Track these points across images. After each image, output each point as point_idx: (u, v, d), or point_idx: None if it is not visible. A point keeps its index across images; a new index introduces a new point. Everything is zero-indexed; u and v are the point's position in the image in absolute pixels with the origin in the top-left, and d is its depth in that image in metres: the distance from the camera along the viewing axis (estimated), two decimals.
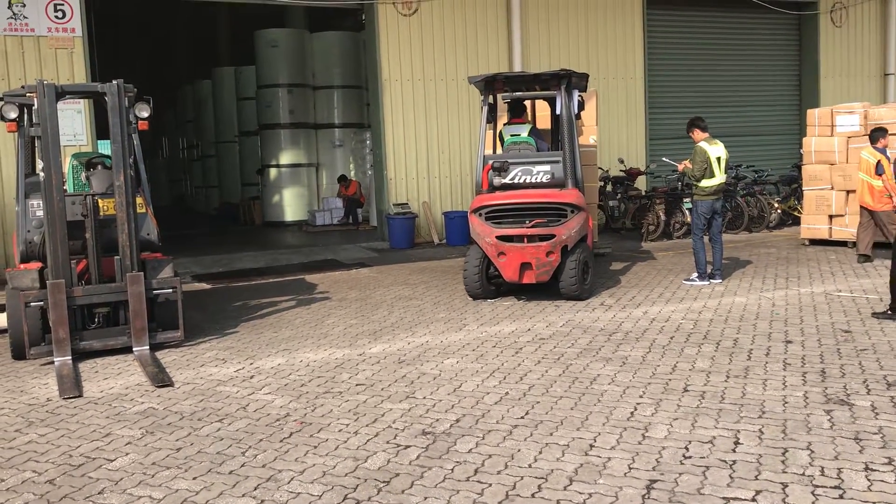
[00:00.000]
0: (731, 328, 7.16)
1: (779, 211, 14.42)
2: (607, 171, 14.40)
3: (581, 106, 9.96)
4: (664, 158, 12.86)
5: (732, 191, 13.70)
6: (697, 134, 9.40)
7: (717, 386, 5.51)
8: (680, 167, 9.81)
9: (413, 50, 14.10)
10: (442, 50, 14.27)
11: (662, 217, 13.33)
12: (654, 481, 4.01)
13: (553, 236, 8.33)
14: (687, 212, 13.38)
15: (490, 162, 9.03)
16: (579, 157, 9.14)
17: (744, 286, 9.14)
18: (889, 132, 10.47)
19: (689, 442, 4.50)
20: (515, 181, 8.97)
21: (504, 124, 9.66)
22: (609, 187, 14.26)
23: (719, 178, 9.30)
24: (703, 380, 5.66)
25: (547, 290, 8.85)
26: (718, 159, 9.28)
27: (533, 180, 8.94)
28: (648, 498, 3.83)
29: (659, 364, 6.09)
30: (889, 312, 7.31)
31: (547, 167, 8.93)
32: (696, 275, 9.46)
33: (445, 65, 14.17)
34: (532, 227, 8.43)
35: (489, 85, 9.39)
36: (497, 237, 8.46)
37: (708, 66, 17.25)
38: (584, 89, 10.09)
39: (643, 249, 12.55)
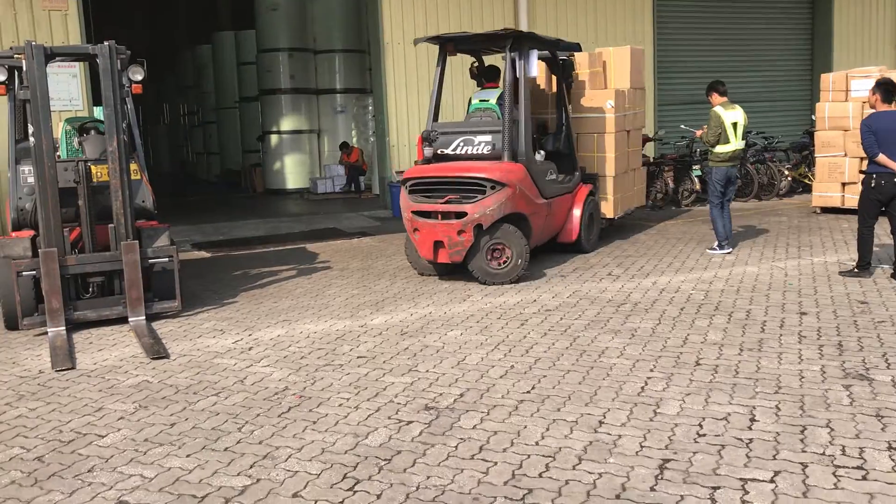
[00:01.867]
0: (744, 299, 6.96)
1: (789, 178, 14.15)
2: None
3: (571, 67, 9.59)
4: (682, 125, 12.47)
5: (743, 158, 13.40)
6: (715, 98, 9.11)
7: (731, 359, 5.32)
8: (698, 133, 9.51)
9: (416, 12, 13.75)
10: (446, 12, 13.92)
11: (671, 185, 13.07)
12: (668, 460, 3.83)
13: (465, 214, 7.70)
14: (696, 179, 13.14)
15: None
16: (527, 126, 8.29)
17: (755, 255, 8.93)
18: None
19: (703, 419, 4.32)
20: (456, 152, 8.43)
21: (479, 89, 9.21)
22: None
23: (734, 144, 9.04)
24: (716, 353, 5.47)
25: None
26: (735, 125, 9.00)
27: (473, 151, 8.34)
28: (662, 478, 3.65)
29: (669, 336, 5.90)
30: (855, 270, 7.63)
31: (488, 137, 8.30)
32: (717, 244, 9.24)
33: (449, 27, 13.80)
34: (445, 202, 7.82)
35: (442, 47, 8.80)
36: (412, 212, 7.96)
37: (718, 30, 16.84)
38: (572, 49, 9.60)
39: (650, 217, 12.31)
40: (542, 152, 8.78)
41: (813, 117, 12.99)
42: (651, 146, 14.88)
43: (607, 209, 10.16)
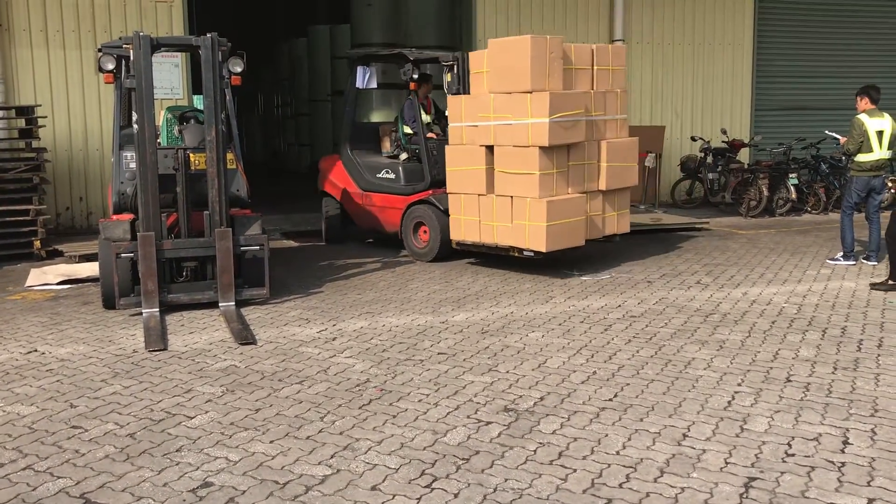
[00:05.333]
0: (839, 315, 6.69)
1: (892, 191, 13.49)
2: (708, 141, 13.75)
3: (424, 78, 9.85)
4: (826, 131, 11.80)
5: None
6: (864, 103, 8.81)
7: (824, 378, 5.12)
8: (842, 140, 9.16)
9: (510, 9, 13.71)
10: (540, 11, 13.82)
11: (766, 192, 12.64)
12: (753, 479, 3.72)
13: None
14: (792, 188, 12.71)
15: None
16: (344, 125, 10.66)
17: (853, 270, 8.57)
18: None
19: (792, 438, 4.18)
20: None
21: None
22: (709, 159, 13.61)
23: (878, 153, 8.64)
24: (808, 370, 5.28)
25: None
26: (880, 133, 8.63)
27: None
28: (747, 497, 3.55)
29: (759, 350, 5.72)
30: (890, 282, 7.52)
31: None
32: (841, 254, 8.92)
33: (543, 26, 13.71)
34: None
35: None
36: None
37: (830, 30, 15.83)
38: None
39: (742, 226, 11.96)
40: (405, 155, 9.81)
41: None
42: (746, 152, 14.48)
43: (456, 231, 8.79)
